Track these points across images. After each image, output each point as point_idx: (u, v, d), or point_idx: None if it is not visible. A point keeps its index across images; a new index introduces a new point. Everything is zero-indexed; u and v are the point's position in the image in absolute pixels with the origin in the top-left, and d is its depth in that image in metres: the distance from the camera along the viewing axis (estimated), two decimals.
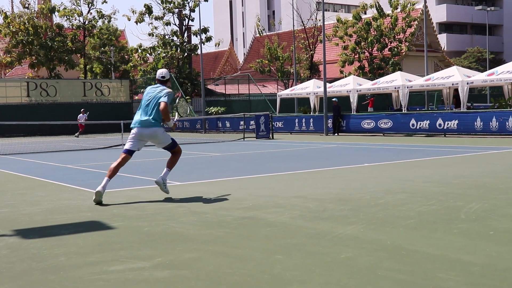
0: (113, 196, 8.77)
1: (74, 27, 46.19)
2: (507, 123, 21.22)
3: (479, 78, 26.78)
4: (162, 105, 8.74)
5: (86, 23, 46.30)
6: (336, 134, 27.61)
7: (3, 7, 45.25)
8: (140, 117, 8.87)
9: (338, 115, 27.93)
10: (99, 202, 8.09)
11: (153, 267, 4.69)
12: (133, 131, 8.97)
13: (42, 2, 45.89)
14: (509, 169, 11.02)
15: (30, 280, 4.45)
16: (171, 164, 9.36)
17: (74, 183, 10.71)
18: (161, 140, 9.22)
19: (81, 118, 34.06)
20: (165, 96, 8.87)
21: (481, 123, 22.03)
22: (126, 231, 6.19)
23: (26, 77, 47.23)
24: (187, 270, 4.58)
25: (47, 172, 13.06)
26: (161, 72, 9.32)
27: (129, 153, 9.09)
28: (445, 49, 64.04)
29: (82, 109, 35.39)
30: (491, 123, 21.71)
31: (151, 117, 8.82)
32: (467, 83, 26.36)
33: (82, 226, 6.50)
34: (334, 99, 28.61)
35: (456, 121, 23.00)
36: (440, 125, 23.54)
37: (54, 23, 45.93)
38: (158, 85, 9.21)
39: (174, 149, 9.42)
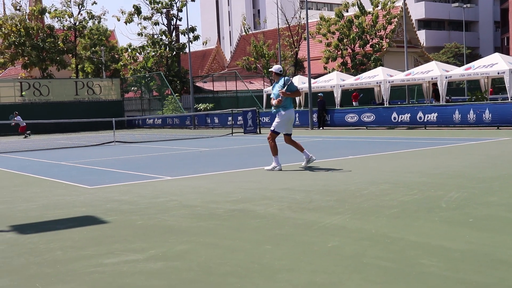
0: (107, 192, 8.75)
1: (65, 28, 45.89)
2: (483, 115, 21.36)
3: (457, 72, 26.93)
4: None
5: (77, 24, 46.03)
6: (321, 128, 27.66)
7: None
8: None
9: (323, 110, 27.98)
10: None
11: (147, 259, 4.69)
12: (291, 116, 10.91)
13: (33, 4, 45.56)
14: (487, 159, 11.10)
15: (27, 274, 4.44)
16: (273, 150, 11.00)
17: (68, 179, 10.66)
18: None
19: (18, 119, 32.05)
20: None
21: (459, 116, 22.17)
22: (119, 225, 6.18)
23: (19, 77, 46.89)
24: (179, 262, 4.59)
25: (42, 169, 13.00)
26: (278, 67, 11.22)
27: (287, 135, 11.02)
28: (424, 45, 64.27)
29: (16, 112, 33.73)
30: (468, 116, 21.85)
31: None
32: (446, 77, 26.50)
33: (77, 221, 6.48)
34: (319, 94, 28.66)
35: (436, 114, 23.12)
36: (420, 118, 23.65)
37: (45, 24, 45.60)
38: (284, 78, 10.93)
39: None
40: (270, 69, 11.23)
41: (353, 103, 36.11)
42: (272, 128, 11.04)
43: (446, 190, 7.42)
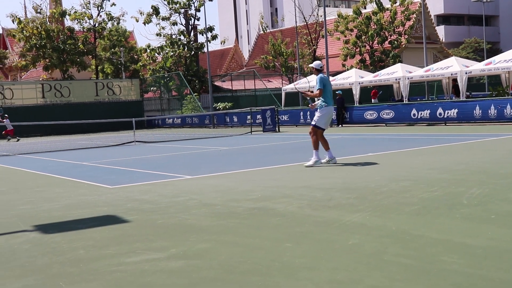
0: (128, 191, 8.80)
1: (85, 30, 46.25)
2: (505, 111, 21.12)
3: (477, 67, 26.65)
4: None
5: (96, 25, 46.34)
6: (339, 125, 27.54)
7: (17, 13, 45.28)
8: (332, 101, 11.20)
9: (342, 107, 27.85)
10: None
11: (168, 258, 4.71)
12: (330, 112, 11.13)
13: (54, 6, 45.96)
14: (508, 155, 10.98)
15: (51, 273, 4.48)
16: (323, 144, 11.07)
17: (90, 179, 10.75)
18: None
19: (6, 122, 31.44)
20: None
21: (480, 111, 21.94)
22: (140, 224, 6.22)
23: (40, 79, 47.36)
24: (200, 260, 4.60)
25: (64, 170, 13.12)
26: (320, 63, 11.34)
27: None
28: (443, 40, 63.69)
29: (6, 115, 33.11)
30: (489, 111, 21.61)
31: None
32: (466, 73, 26.24)
33: (99, 220, 6.53)
34: (338, 92, 28.50)
35: (456, 110, 22.91)
36: (440, 114, 23.45)
37: (66, 26, 45.96)
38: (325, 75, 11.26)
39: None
40: (310, 65, 11.74)
41: (372, 100, 35.91)
42: (313, 123, 11.14)
43: (467, 186, 7.36)
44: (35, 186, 10.34)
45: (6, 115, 33.48)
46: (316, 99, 11.30)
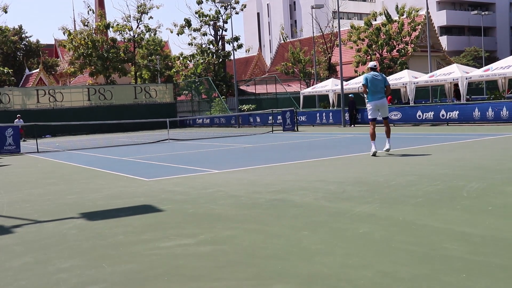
0: (162, 183, 8.84)
1: (125, 40, 46.62)
2: (501, 113, 20.81)
3: (476, 73, 26.27)
4: (389, 86, 11.96)
5: (136, 36, 46.68)
6: (352, 125, 27.39)
7: (67, 26, 45.86)
8: (376, 95, 11.80)
9: (353, 109, 27.69)
10: (374, 154, 11.37)
11: (198, 243, 4.72)
12: (372, 105, 11.92)
13: (99, 20, 46.40)
14: (504, 153, 10.81)
15: (95, 255, 4.52)
16: (388, 134, 12.07)
17: (129, 173, 10.82)
18: (386, 110, 12.15)
19: (19, 123, 29.77)
20: (387, 80, 11.84)
21: (479, 113, 21.64)
22: (173, 213, 6.24)
23: (87, 84, 47.86)
24: (226, 245, 4.60)
25: (106, 164, 13.24)
26: (374, 63, 12.05)
27: (374, 120, 11.98)
28: (446, 49, 62.92)
29: (18, 115, 33.15)
30: (487, 113, 21.30)
31: (382, 93, 11.82)
32: (466, 79, 25.88)
33: (137, 209, 6.57)
34: (350, 95, 28.35)
35: (457, 112, 22.62)
36: (443, 115, 23.18)
37: (109, 37, 46.41)
38: (376, 73, 11.85)
39: (387, 120, 12.17)
40: (368, 66, 12.38)
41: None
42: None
43: (467, 181, 7.26)
44: (81, 178, 10.44)
45: (18, 115, 33.74)
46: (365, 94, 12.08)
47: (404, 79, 29.80)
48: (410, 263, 3.81)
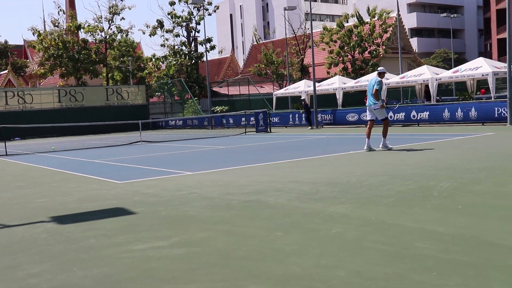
0: (135, 186, 8.77)
1: (97, 41, 46.08)
2: (470, 113, 21.19)
3: (446, 75, 26.74)
4: (373, 91, 12.40)
5: (107, 37, 46.18)
6: (311, 127, 26.91)
7: (37, 27, 45.12)
8: (368, 99, 12.65)
9: (308, 111, 27.36)
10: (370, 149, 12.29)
11: (171, 246, 4.69)
12: (367, 108, 12.85)
13: (70, 21, 45.79)
14: (473, 152, 11.01)
15: (66, 259, 4.46)
16: (384, 133, 12.65)
17: (100, 175, 10.71)
18: (378, 113, 12.65)
19: None
20: (377, 84, 12.35)
21: (449, 114, 22.00)
22: (146, 215, 6.19)
23: (57, 86, 47.17)
24: (200, 247, 4.58)
25: (78, 167, 13.07)
26: (382, 68, 12.83)
27: (372, 120, 12.85)
28: (416, 51, 63.80)
29: None
30: (457, 113, 21.68)
31: (372, 99, 12.53)
32: (436, 80, 26.32)
33: (109, 212, 6.50)
34: (302, 98, 28.10)
35: (428, 113, 22.96)
36: (414, 116, 23.50)
37: (80, 38, 45.82)
38: (373, 78, 12.60)
39: (384, 121, 12.72)
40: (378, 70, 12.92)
41: (365, 102, 35.91)
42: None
43: (437, 180, 7.37)
44: (51, 181, 10.29)
45: None
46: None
47: None
48: (383, 262, 3.85)
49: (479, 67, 24.63)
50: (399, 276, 3.53)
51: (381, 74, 12.62)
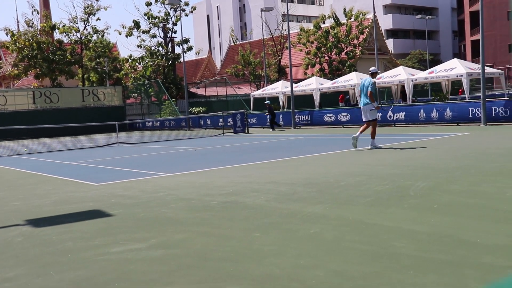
0: (112, 188, 8.70)
1: (72, 42, 45.55)
2: (445, 113, 21.48)
3: (421, 76, 27.07)
4: (369, 93, 12.48)
5: (83, 38, 45.69)
6: (274, 130, 26.54)
7: (10, 27, 44.42)
8: (361, 100, 12.74)
9: (272, 114, 27.00)
10: (355, 146, 12.62)
11: (149, 248, 4.67)
12: (363, 108, 12.76)
13: (44, 21, 45.19)
14: (448, 152, 11.16)
15: (42, 262, 4.40)
16: (372, 135, 12.68)
17: (77, 177, 10.59)
18: (369, 113, 12.65)
19: None
20: (371, 87, 12.44)
21: (424, 114, 22.27)
22: (124, 217, 6.15)
23: (32, 87, 46.52)
24: (178, 249, 4.57)
25: (53, 169, 12.91)
26: (374, 68, 12.84)
27: (367, 121, 12.77)
28: (392, 52, 64.54)
29: None
30: (432, 114, 21.95)
31: (363, 98, 12.62)
32: (412, 81, 26.64)
33: (86, 215, 6.44)
34: (266, 102, 27.98)
35: (404, 113, 23.20)
36: (390, 116, 23.72)
37: (55, 39, 45.24)
38: (365, 79, 12.73)
39: (372, 122, 12.64)
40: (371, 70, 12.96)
41: (340, 104, 36.11)
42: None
43: (414, 180, 7.45)
44: (27, 184, 10.14)
45: None
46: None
47: (352, 81, 30.39)
48: (361, 261, 3.88)
49: (454, 68, 25.01)
50: (377, 275, 3.56)
51: (373, 75, 12.71)
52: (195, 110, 39.26)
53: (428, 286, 3.30)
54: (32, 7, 45.58)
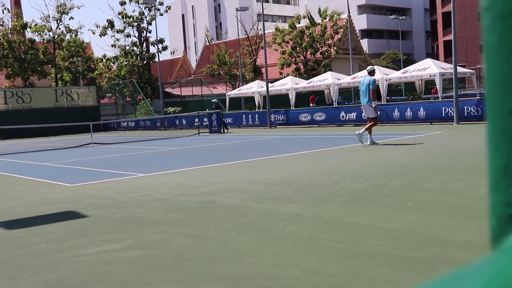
0: (86, 189, 8.60)
1: (45, 41, 44.90)
2: (419, 113, 21.75)
3: (396, 75, 27.38)
4: (371, 91, 12.82)
5: (56, 37, 45.07)
6: (223, 131, 26.13)
7: None
8: (362, 98, 13.18)
9: (220, 114, 26.77)
10: (361, 142, 12.99)
11: (124, 248, 4.63)
12: (363, 106, 13.31)
13: (15, 19, 44.45)
14: (422, 151, 11.31)
15: (15, 265, 4.33)
16: (368, 128, 13.01)
17: (51, 178, 10.45)
18: (368, 111, 13.19)
19: None
20: (372, 84, 12.75)
21: (398, 113, 22.52)
22: (99, 218, 6.09)
23: (3, 87, 45.71)
24: (154, 250, 4.54)
25: (26, 170, 12.71)
26: (370, 67, 13.26)
27: (367, 118, 13.29)
28: (367, 52, 65.12)
29: None
30: (406, 113, 22.21)
31: (363, 97, 13.02)
32: (386, 80, 26.91)
33: (59, 216, 6.36)
34: (213, 101, 27.76)
35: (378, 112, 23.37)
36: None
37: (27, 38, 44.51)
38: (365, 77, 12.94)
39: (373, 120, 13.14)
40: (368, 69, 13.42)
41: (311, 104, 36.29)
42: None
43: (388, 178, 7.54)
44: None
45: None
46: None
47: (327, 80, 30.56)
48: (336, 259, 3.92)
49: (427, 68, 25.34)
50: (352, 273, 3.59)
51: (371, 73, 13.06)
52: (171, 110, 39.06)
53: (403, 283, 3.35)
54: (3, 5, 44.79)
